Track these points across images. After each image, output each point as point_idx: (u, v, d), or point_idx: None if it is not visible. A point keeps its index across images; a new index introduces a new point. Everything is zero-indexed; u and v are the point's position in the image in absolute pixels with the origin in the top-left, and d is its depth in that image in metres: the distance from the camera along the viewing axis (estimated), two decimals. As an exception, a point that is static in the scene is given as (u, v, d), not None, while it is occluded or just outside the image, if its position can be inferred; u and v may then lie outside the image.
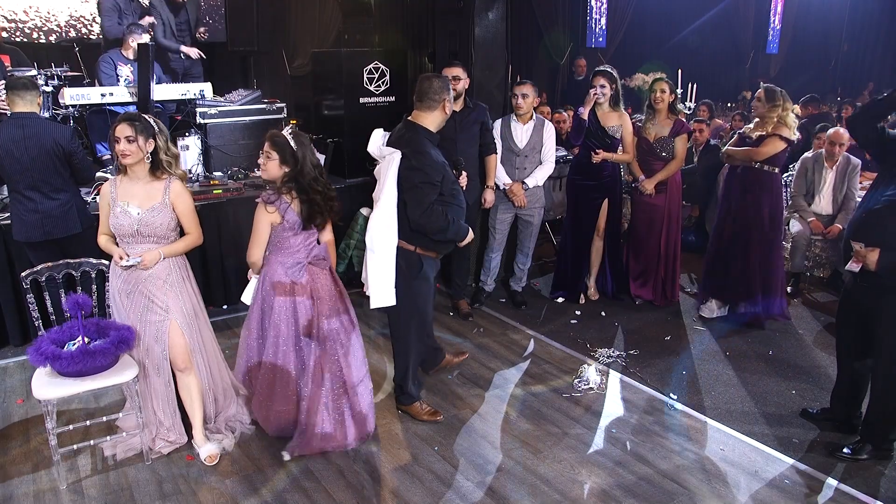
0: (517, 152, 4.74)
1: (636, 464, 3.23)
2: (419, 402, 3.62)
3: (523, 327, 4.78)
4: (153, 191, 3.08)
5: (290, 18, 8.45)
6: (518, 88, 4.69)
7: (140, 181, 3.09)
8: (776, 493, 3.03)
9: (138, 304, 3.12)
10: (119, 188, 3.09)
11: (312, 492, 3.02)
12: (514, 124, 4.75)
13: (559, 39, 9.90)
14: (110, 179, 3.17)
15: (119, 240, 3.11)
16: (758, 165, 4.49)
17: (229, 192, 4.87)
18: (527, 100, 4.65)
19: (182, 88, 5.51)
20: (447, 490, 3.04)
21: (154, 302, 3.11)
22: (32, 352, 2.91)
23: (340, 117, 5.49)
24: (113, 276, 3.18)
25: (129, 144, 2.97)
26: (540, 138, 4.75)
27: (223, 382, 3.43)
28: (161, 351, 3.14)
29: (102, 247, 3.17)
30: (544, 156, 4.79)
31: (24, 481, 3.07)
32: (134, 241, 3.08)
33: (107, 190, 3.12)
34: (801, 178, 5.40)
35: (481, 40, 5.22)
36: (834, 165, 5.24)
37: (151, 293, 3.11)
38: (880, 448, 3.28)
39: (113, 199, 3.08)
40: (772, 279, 4.71)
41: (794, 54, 13.65)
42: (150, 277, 3.10)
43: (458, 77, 4.42)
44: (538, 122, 4.76)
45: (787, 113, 4.41)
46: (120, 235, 3.09)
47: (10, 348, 4.30)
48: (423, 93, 3.26)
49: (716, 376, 4.09)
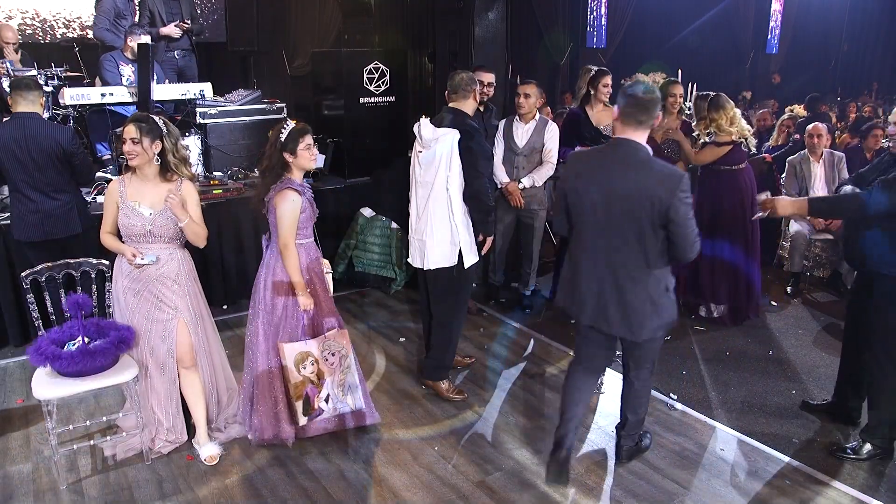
0: (517, 152, 4.73)
1: (636, 464, 3.23)
2: (447, 381, 3.83)
3: (524, 327, 4.78)
4: (163, 193, 3.06)
5: (290, 18, 8.45)
6: (521, 88, 4.70)
7: (150, 182, 3.10)
8: (776, 493, 3.03)
9: (146, 303, 3.13)
10: (129, 187, 3.08)
11: (312, 492, 3.02)
12: (515, 124, 4.75)
13: (559, 39, 9.91)
14: (118, 178, 3.16)
15: (127, 240, 3.10)
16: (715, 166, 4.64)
17: (229, 192, 4.87)
18: (528, 100, 4.65)
19: (182, 88, 5.51)
20: (447, 490, 3.04)
21: (163, 301, 3.13)
22: (32, 352, 2.91)
23: (340, 117, 5.49)
24: (118, 274, 3.17)
25: (133, 146, 2.99)
26: (541, 138, 4.73)
27: (226, 382, 3.46)
28: (167, 349, 3.15)
29: (109, 245, 3.15)
30: (545, 156, 4.78)
31: (24, 481, 3.07)
32: (144, 241, 3.09)
33: (115, 188, 3.10)
34: (792, 178, 5.47)
35: (481, 40, 5.23)
36: (819, 159, 5.37)
37: (161, 292, 3.12)
38: (880, 448, 3.28)
39: (122, 199, 3.07)
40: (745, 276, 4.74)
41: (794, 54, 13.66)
42: (161, 277, 3.12)
43: (492, 83, 4.72)
44: (540, 123, 4.75)
45: (718, 122, 4.53)
46: (130, 235, 3.08)
47: (10, 348, 4.30)
48: (458, 85, 3.63)
49: (716, 376, 4.09)
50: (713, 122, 4.54)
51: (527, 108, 4.66)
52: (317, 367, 3.27)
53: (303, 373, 3.22)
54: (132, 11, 6.07)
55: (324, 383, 3.29)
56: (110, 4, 5.87)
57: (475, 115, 3.82)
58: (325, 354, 3.28)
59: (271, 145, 3.15)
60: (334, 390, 3.32)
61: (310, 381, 3.24)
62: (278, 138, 3.13)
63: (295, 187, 3.13)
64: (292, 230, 3.14)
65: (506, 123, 4.80)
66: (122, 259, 3.13)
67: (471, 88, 3.64)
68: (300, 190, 3.15)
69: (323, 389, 3.29)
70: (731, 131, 4.53)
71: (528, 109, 4.67)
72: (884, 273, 3.08)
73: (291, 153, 3.12)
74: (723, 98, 4.60)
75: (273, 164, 3.15)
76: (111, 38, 5.83)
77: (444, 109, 3.69)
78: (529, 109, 4.68)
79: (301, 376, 3.22)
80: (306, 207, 3.19)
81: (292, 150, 3.12)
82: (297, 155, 3.13)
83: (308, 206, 3.21)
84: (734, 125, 4.55)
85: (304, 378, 3.23)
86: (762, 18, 13.14)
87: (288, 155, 3.13)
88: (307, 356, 3.24)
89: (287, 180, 3.14)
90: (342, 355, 3.32)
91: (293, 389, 3.23)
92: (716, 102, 4.57)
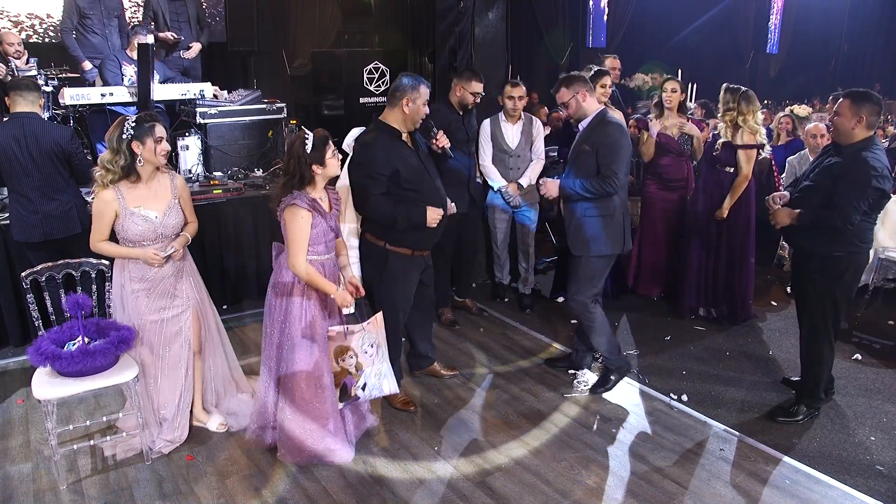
0: (510, 153, 4.74)
1: (636, 464, 3.23)
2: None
3: (523, 327, 4.78)
4: (160, 188, 3.14)
5: (290, 18, 8.43)
6: (513, 90, 4.66)
7: (143, 182, 3.11)
8: (776, 493, 3.03)
9: (161, 300, 3.19)
10: (127, 195, 3.07)
11: (312, 492, 3.02)
12: (504, 125, 4.75)
13: (559, 39, 9.91)
14: (110, 189, 3.05)
15: (135, 245, 3.10)
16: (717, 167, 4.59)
17: (229, 192, 4.87)
18: (522, 101, 4.68)
19: (182, 88, 5.51)
20: (447, 490, 3.04)
21: (177, 295, 3.22)
22: (32, 352, 2.91)
23: (340, 117, 5.50)
24: (126, 279, 3.16)
25: (166, 143, 3.09)
26: (529, 136, 4.76)
27: (223, 373, 3.52)
28: (183, 341, 3.24)
29: (115, 253, 3.13)
30: (535, 153, 4.81)
31: (24, 481, 3.07)
32: (154, 244, 3.13)
33: (111, 197, 3.04)
34: (792, 178, 5.47)
35: (481, 40, 5.23)
36: None
37: (174, 286, 3.22)
38: (812, 406, 3.60)
39: (124, 208, 3.05)
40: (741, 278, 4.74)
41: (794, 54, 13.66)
42: (176, 272, 3.22)
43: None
44: (526, 121, 4.78)
45: (746, 117, 4.42)
46: (140, 241, 3.09)
47: (10, 348, 4.30)
48: (390, 91, 3.46)
49: (716, 376, 4.09)
50: (741, 115, 4.43)
51: (519, 110, 4.68)
52: (356, 360, 3.18)
53: (342, 364, 3.14)
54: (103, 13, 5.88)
55: (361, 374, 3.21)
56: (71, 4, 5.73)
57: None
58: (365, 347, 3.18)
59: (295, 158, 2.96)
60: (371, 379, 3.23)
61: (348, 372, 3.16)
62: (304, 150, 2.94)
63: (303, 204, 2.94)
64: (302, 248, 2.98)
65: (492, 125, 4.78)
66: (130, 263, 3.14)
67: (399, 97, 3.37)
68: (309, 206, 2.96)
69: (360, 379, 3.21)
70: (757, 129, 4.45)
71: (520, 111, 4.70)
72: (812, 251, 3.44)
73: (320, 164, 2.97)
74: (752, 93, 4.51)
75: (294, 176, 2.97)
76: (70, 42, 5.70)
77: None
78: (520, 111, 4.70)
79: (339, 367, 3.14)
80: (318, 223, 3.01)
81: (321, 161, 2.97)
82: (326, 165, 2.99)
83: (321, 223, 3.02)
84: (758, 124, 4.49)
85: (342, 369, 3.15)
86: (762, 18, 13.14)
87: (317, 167, 2.97)
88: (346, 350, 3.13)
89: (296, 195, 2.96)
90: (378, 345, 3.22)
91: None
92: (747, 96, 4.46)
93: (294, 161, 2.96)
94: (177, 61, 6.22)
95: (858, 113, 3.24)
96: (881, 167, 3.21)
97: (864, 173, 3.19)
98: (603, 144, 3.53)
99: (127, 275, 3.16)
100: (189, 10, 6.25)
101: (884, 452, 3.33)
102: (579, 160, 3.63)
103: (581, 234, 3.65)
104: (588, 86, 3.62)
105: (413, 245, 3.47)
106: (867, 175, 3.18)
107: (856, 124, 3.25)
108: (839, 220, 3.25)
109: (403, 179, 3.35)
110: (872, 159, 3.21)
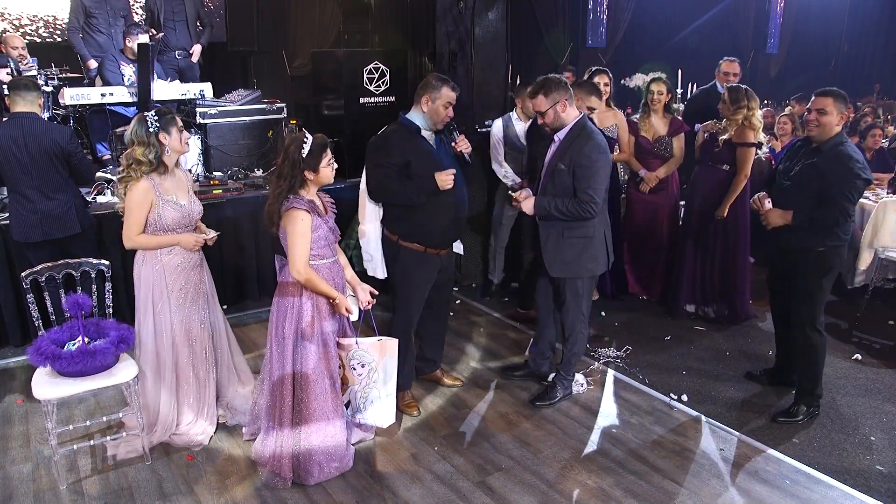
0: (524, 151, 4.74)
1: (636, 464, 3.23)
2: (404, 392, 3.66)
3: (523, 327, 4.78)
4: (180, 179, 3.28)
5: (290, 18, 8.44)
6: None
7: (172, 174, 3.24)
8: (776, 493, 3.03)
9: (193, 296, 3.29)
10: (161, 186, 3.16)
11: (312, 492, 3.02)
12: (517, 123, 4.76)
13: (559, 39, 9.90)
14: (145, 180, 3.10)
15: (171, 232, 3.20)
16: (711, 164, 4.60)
17: (229, 192, 4.87)
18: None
19: (182, 88, 5.51)
20: (447, 490, 3.04)
21: (203, 290, 3.35)
22: (32, 352, 2.92)
23: (340, 117, 5.48)
24: (160, 276, 3.20)
25: (187, 132, 3.24)
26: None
27: (227, 362, 3.58)
28: (209, 333, 3.35)
29: (154, 243, 3.17)
30: None
31: (24, 481, 3.07)
32: (185, 230, 3.25)
33: (147, 187, 3.10)
34: None
35: (481, 40, 5.23)
36: None
37: (202, 281, 3.35)
38: (812, 406, 3.60)
39: (159, 196, 3.14)
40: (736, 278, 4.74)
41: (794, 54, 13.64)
42: (201, 263, 3.35)
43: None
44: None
45: (753, 113, 4.44)
46: (176, 228, 3.20)
47: (10, 348, 4.30)
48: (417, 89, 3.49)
49: (716, 376, 4.09)
50: (750, 110, 4.44)
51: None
52: (342, 373, 3.13)
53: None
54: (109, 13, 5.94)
55: (347, 389, 3.16)
56: (77, 4, 5.81)
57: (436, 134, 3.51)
58: (354, 364, 3.12)
59: (289, 160, 2.86)
60: (357, 401, 3.19)
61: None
62: (300, 154, 2.85)
63: (302, 207, 2.86)
64: (303, 251, 2.88)
65: (504, 123, 4.79)
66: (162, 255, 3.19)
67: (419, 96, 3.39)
68: (307, 208, 2.88)
69: (345, 395, 3.17)
70: (759, 126, 4.47)
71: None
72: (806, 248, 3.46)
73: (314, 170, 2.88)
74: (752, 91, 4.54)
75: (286, 179, 2.88)
76: (76, 41, 5.77)
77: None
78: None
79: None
80: (319, 226, 2.94)
81: (314, 168, 2.88)
82: (319, 172, 2.90)
83: (322, 225, 2.96)
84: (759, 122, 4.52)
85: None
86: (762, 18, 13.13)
87: (309, 173, 2.88)
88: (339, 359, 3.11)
89: (292, 199, 2.86)
90: (371, 368, 3.14)
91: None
92: (753, 94, 4.48)
93: (288, 163, 2.87)
94: (172, 62, 6.21)
95: (843, 110, 3.37)
96: (860, 157, 3.37)
97: (850, 167, 3.30)
98: (579, 165, 3.33)
99: (160, 272, 3.19)
100: (187, 10, 6.25)
101: (884, 452, 3.33)
102: (555, 178, 3.42)
103: (559, 256, 3.51)
104: (568, 93, 3.40)
105: (425, 241, 3.43)
106: (852, 168, 3.30)
107: (839, 121, 3.37)
108: (838, 215, 3.33)
109: (415, 172, 3.33)
110: (852, 151, 3.35)
